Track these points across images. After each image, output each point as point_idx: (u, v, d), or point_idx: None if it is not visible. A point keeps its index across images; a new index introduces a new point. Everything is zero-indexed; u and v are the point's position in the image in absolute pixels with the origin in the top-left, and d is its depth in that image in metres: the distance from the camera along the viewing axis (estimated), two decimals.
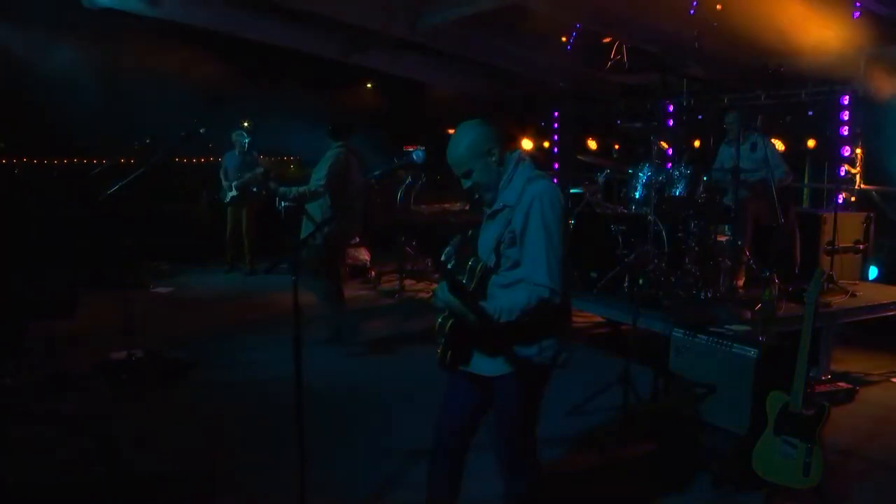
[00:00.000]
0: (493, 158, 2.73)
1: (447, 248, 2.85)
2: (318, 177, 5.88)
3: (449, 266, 2.72)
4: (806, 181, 8.07)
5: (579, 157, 7.56)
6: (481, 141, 2.73)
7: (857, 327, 6.01)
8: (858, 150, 7.39)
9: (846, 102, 7.41)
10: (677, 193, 6.01)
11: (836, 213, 6.43)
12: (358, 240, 9.46)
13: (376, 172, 5.72)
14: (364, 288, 9.05)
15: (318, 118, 6.38)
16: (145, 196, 9.10)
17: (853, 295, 5.89)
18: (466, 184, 2.78)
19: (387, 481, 3.88)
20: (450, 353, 2.76)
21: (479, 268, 2.71)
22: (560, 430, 4.49)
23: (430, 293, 2.73)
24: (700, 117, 9.06)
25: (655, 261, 5.82)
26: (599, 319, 6.98)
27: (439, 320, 2.75)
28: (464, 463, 2.97)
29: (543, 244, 2.61)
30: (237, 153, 9.40)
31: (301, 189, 5.90)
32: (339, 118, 6.36)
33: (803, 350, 3.55)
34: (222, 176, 9.47)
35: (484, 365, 2.77)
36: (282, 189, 5.89)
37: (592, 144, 9.77)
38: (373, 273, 9.59)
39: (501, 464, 2.88)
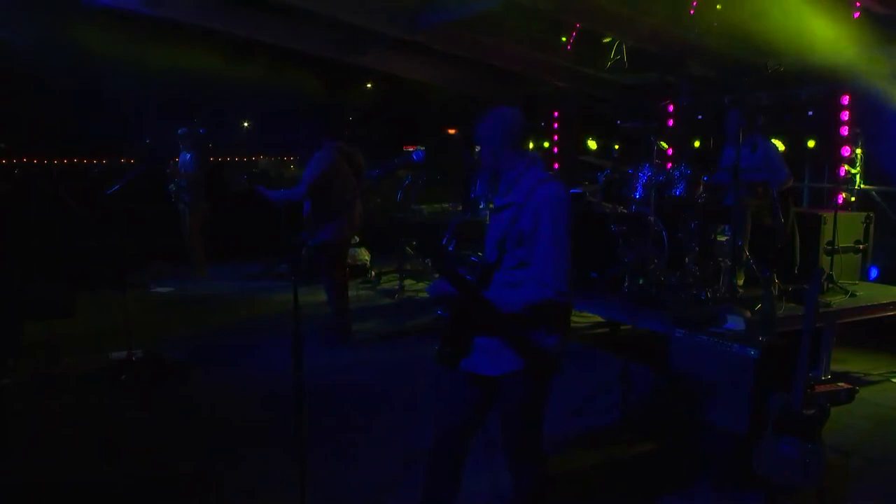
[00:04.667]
0: (506, 146, 2.79)
1: (446, 232, 2.88)
2: (302, 180, 5.88)
3: (450, 248, 2.76)
4: (806, 181, 8.07)
5: (579, 157, 7.56)
6: (504, 126, 2.80)
7: (857, 327, 6.01)
8: (858, 150, 7.38)
9: (846, 102, 7.40)
10: (677, 193, 6.01)
11: (836, 213, 6.42)
12: (358, 240, 9.44)
13: (376, 172, 5.76)
14: (364, 288, 9.05)
15: (317, 118, 6.38)
16: (145, 196, 9.10)
17: (853, 295, 5.88)
18: (482, 162, 2.87)
19: (387, 481, 3.88)
20: (449, 347, 2.77)
21: (480, 263, 2.72)
22: (560, 430, 4.48)
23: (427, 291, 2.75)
24: (700, 117, 9.06)
25: (655, 261, 5.82)
26: (599, 319, 6.98)
27: (441, 314, 2.76)
28: (463, 463, 2.98)
29: (553, 246, 2.64)
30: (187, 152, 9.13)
31: (285, 193, 5.94)
32: (333, 116, 6.34)
33: (803, 350, 3.55)
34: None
35: (486, 364, 2.78)
36: (266, 193, 5.85)
37: (592, 144, 9.77)
38: (373, 273, 9.61)
39: (509, 460, 2.90)
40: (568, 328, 2.88)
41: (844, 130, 7.39)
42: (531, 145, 10.80)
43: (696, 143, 9.05)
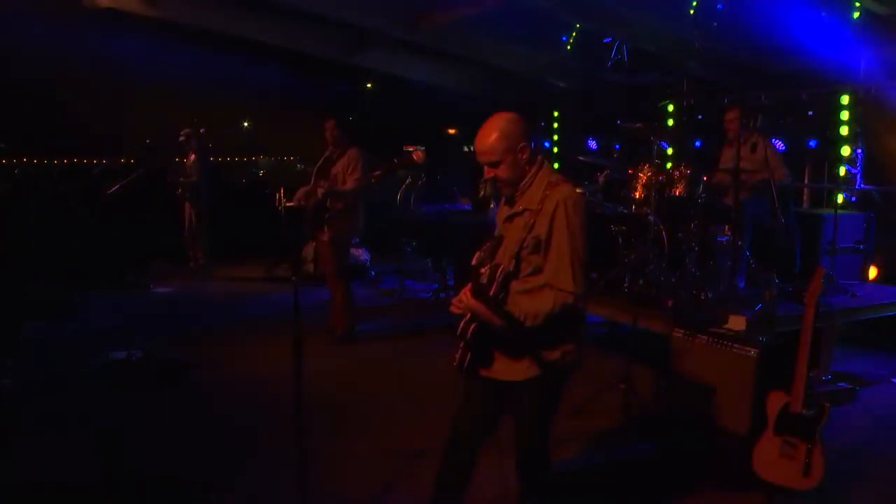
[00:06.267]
0: (524, 155, 2.74)
1: (479, 254, 2.85)
2: (356, 176, 6.04)
3: (481, 271, 2.73)
4: (806, 181, 8.07)
5: (579, 157, 7.56)
6: (514, 135, 2.73)
7: (857, 327, 6.00)
8: (858, 150, 7.38)
9: (846, 102, 7.40)
10: (677, 193, 6.01)
11: (836, 213, 6.42)
12: (358, 240, 9.45)
13: (377, 172, 5.79)
14: (364, 288, 9.05)
15: (317, 118, 6.40)
16: (145, 196, 9.11)
17: (853, 295, 5.88)
18: (490, 174, 2.77)
19: (389, 482, 3.88)
20: (469, 356, 2.76)
21: (499, 272, 2.71)
22: (561, 431, 4.46)
23: (452, 303, 2.71)
24: (700, 117, 9.05)
25: (655, 261, 5.82)
26: (599, 319, 6.97)
27: (461, 324, 2.74)
28: (474, 464, 2.99)
29: (568, 249, 2.63)
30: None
31: (346, 189, 6.08)
32: (351, 118, 6.43)
33: (803, 350, 3.55)
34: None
35: (506, 370, 2.78)
36: (333, 191, 6.05)
37: (592, 144, 9.77)
38: (373, 273, 9.61)
39: (519, 463, 2.92)
40: (582, 334, 2.88)
41: (844, 130, 7.39)
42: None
43: (696, 144, 9.06)
